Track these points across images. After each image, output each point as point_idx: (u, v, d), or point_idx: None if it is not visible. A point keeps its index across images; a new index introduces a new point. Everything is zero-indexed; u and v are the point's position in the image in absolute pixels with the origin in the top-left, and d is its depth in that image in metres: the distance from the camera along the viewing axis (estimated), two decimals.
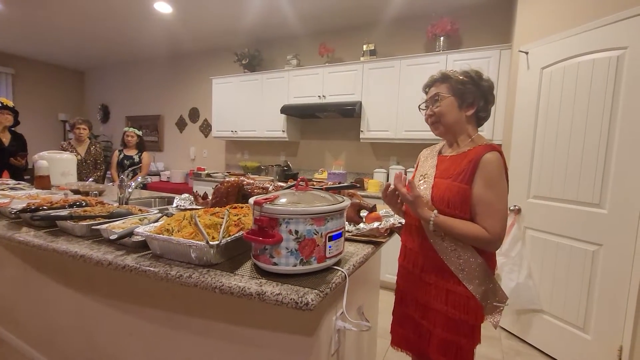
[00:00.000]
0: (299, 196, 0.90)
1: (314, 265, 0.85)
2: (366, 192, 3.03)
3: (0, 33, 4.35)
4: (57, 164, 2.56)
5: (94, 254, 1.03)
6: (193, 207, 1.66)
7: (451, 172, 1.08)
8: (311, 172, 3.94)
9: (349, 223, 1.32)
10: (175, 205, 1.80)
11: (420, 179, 1.17)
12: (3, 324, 1.83)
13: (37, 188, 2.12)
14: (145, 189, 3.90)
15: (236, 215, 1.07)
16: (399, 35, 3.45)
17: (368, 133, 3.29)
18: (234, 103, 4.08)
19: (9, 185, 2.13)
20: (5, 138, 2.99)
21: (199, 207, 1.61)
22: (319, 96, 3.48)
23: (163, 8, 3.43)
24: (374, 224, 1.27)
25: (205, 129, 4.84)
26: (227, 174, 4.14)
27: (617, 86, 1.71)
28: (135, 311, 1.23)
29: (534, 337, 2.13)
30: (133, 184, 1.84)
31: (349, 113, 3.30)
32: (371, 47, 3.39)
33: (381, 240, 1.22)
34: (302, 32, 3.90)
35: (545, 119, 2.06)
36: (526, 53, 2.20)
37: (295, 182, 1.01)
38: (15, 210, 1.35)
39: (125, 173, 1.87)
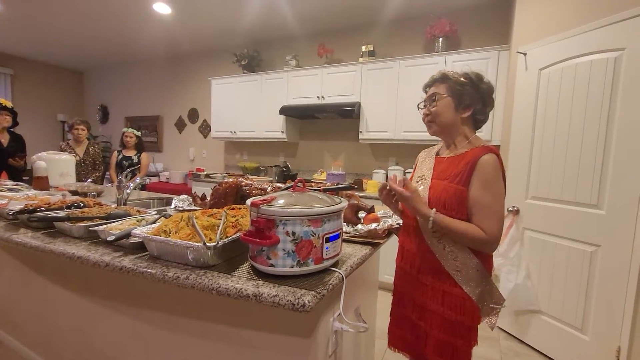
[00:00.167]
0: (296, 197, 0.90)
1: (311, 266, 0.85)
2: (365, 193, 3.03)
3: None
4: (56, 164, 2.55)
5: (91, 255, 1.03)
6: (191, 208, 1.66)
7: (448, 174, 1.08)
8: (310, 173, 3.94)
9: (347, 224, 1.32)
10: (173, 206, 1.79)
11: (418, 180, 1.18)
12: (1, 325, 1.83)
13: (36, 189, 2.11)
14: (144, 189, 3.89)
15: (234, 216, 1.07)
16: (397, 36, 3.46)
17: (367, 134, 3.29)
18: (233, 104, 4.08)
19: (7, 186, 2.13)
20: (4, 139, 2.99)
21: (197, 208, 1.61)
22: (318, 97, 3.48)
23: (162, 9, 3.44)
24: (372, 225, 1.27)
25: (205, 129, 4.84)
26: (226, 174, 4.14)
27: (615, 87, 1.71)
28: (133, 313, 1.23)
29: (533, 338, 2.13)
30: (131, 185, 1.84)
31: (347, 114, 3.30)
32: (370, 48, 3.39)
33: (379, 241, 1.22)
34: (301, 33, 3.91)
35: (544, 120, 2.07)
36: (524, 54, 2.20)
37: (293, 184, 1.01)
38: (12, 212, 1.35)
39: (123, 174, 1.87)
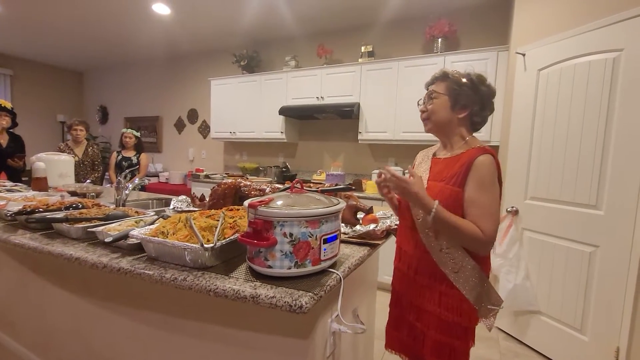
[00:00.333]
0: (294, 199, 0.90)
1: (309, 267, 0.85)
2: (364, 194, 3.03)
3: None
4: (55, 165, 2.55)
5: (89, 256, 1.02)
6: (190, 209, 1.66)
7: (444, 175, 1.08)
8: (309, 173, 3.94)
9: (345, 225, 1.32)
10: (172, 207, 1.79)
11: None
12: None
13: (34, 190, 2.11)
14: (143, 190, 3.89)
15: (232, 217, 1.07)
16: (397, 36, 3.46)
17: (366, 134, 3.29)
18: (232, 104, 4.08)
19: (6, 187, 2.13)
20: (3, 139, 2.99)
21: (196, 209, 1.61)
22: (317, 97, 3.48)
23: (161, 9, 3.44)
24: (371, 225, 1.27)
25: (204, 130, 4.84)
26: (226, 175, 4.14)
27: (614, 88, 1.71)
28: (132, 314, 1.22)
29: (532, 339, 2.13)
30: (130, 186, 1.84)
31: (347, 114, 3.30)
32: (369, 49, 3.40)
33: (377, 242, 1.22)
34: (301, 34, 3.91)
35: (542, 121, 2.07)
36: (523, 55, 2.20)
37: (291, 185, 1.01)
38: (11, 213, 1.35)
39: (122, 174, 1.86)
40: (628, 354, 1.67)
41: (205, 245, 0.87)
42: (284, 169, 3.79)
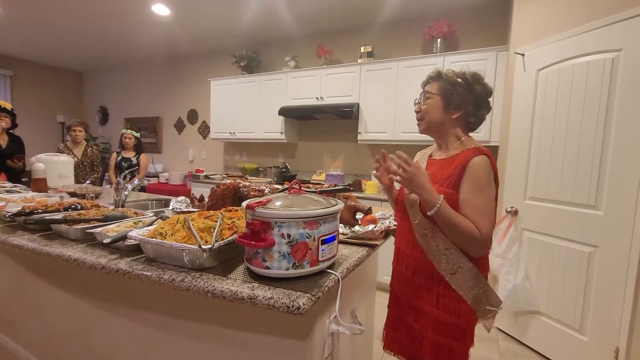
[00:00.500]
0: (292, 199, 0.90)
1: (307, 268, 0.85)
2: (364, 194, 3.03)
3: None
4: (54, 166, 2.55)
5: (87, 257, 1.02)
6: (189, 210, 1.66)
7: (439, 177, 1.07)
8: (309, 174, 3.94)
9: (344, 225, 1.32)
10: (171, 208, 1.79)
11: None
12: None
13: (34, 191, 2.11)
14: (143, 191, 3.89)
15: (230, 218, 1.07)
16: (396, 37, 3.46)
17: (366, 135, 3.29)
18: (232, 105, 4.08)
19: (5, 187, 2.13)
20: (2, 140, 2.99)
21: (195, 210, 1.61)
22: (317, 98, 3.48)
23: (161, 10, 3.44)
24: (369, 226, 1.27)
25: (204, 130, 4.84)
26: (226, 175, 4.14)
27: (612, 88, 1.71)
28: (131, 314, 1.22)
29: (531, 339, 2.13)
30: (129, 187, 1.84)
31: (346, 115, 3.30)
32: (369, 49, 3.40)
33: (376, 242, 1.22)
34: (300, 34, 3.91)
35: (542, 121, 2.07)
36: (522, 55, 2.20)
37: (289, 186, 1.01)
38: (10, 214, 1.35)
39: (122, 175, 1.87)
40: (627, 354, 1.67)
41: (203, 247, 0.87)
42: (283, 170, 3.79)
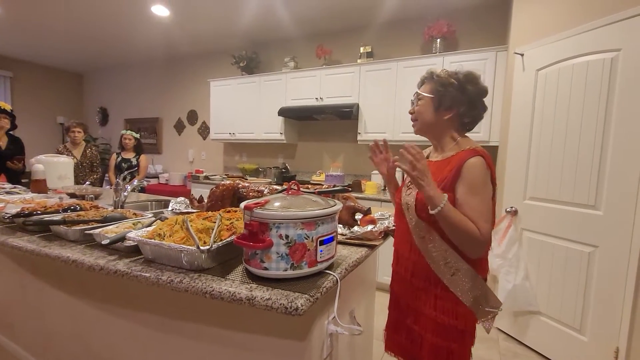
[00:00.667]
0: (290, 200, 0.90)
1: (305, 269, 0.85)
2: (364, 194, 3.03)
3: None
4: (54, 167, 2.55)
5: (86, 259, 1.02)
6: (188, 211, 1.66)
7: (434, 179, 1.07)
8: (309, 174, 3.94)
9: (343, 226, 1.32)
10: (170, 208, 1.79)
11: (409, 185, 1.17)
12: None
13: (34, 192, 2.11)
14: (143, 191, 3.89)
15: (229, 219, 1.07)
16: (395, 37, 3.46)
17: (365, 135, 3.29)
18: (232, 105, 4.09)
19: (5, 189, 2.13)
20: (2, 142, 2.99)
21: (194, 211, 1.61)
22: (317, 98, 3.48)
23: (160, 11, 3.44)
24: (368, 226, 1.27)
25: (204, 131, 4.84)
26: (225, 176, 4.14)
27: (612, 88, 1.71)
28: (130, 315, 1.22)
29: (531, 339, 2.12)
30: (129, 187, 1.84)
31: (346, 115, 3.30)
32: (368, 49, 3.40)
33: (375, 243, 1.22)
34: (300, 35, 3.91)
35: (541, 121, 2.07)
36: (521, 55, 2.20)
37: (287, 187, 1.01)
38: (9, 215, 1.35)
39: (121, 176, 1.86)
40: (627, 354, 1.67)
41: (201, 248, 0.87)
42: (283, 170, 3.79)
